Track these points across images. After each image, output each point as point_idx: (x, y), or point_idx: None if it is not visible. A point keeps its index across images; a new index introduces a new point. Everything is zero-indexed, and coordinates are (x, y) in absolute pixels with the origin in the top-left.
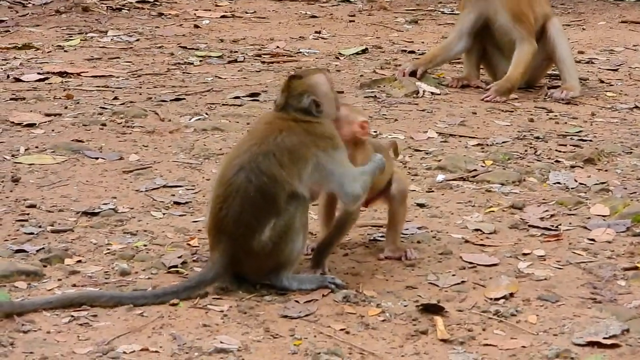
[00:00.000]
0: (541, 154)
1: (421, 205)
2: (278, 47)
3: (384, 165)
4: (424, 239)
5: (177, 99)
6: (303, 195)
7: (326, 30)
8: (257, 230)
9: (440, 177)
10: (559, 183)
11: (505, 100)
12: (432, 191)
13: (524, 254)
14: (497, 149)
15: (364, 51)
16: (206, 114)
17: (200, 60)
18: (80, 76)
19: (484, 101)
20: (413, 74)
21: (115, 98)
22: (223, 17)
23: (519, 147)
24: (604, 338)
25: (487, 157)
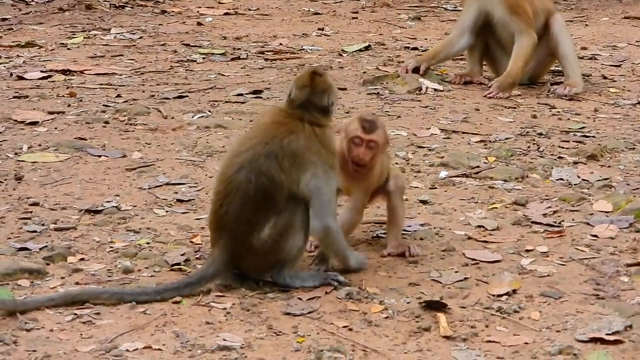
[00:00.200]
0: (544, 150)
1: (424, 202)
2: (281, 44)
3: (347, 255)
4: (426, 235)
5: (180, 97)
6: (303, 195)
7: (329, 27)
8: (256, 227)
9: (443, 173)
10: (561, 179)
11: (508, 96)
12: (435, 188)
13: (527, 251)
14: (500, 145)
15: (367, 48)
16: (209, 111)
17: (203, 58)
18: (83, 74)
19: (487, 98)
20: (416, 70)
21: (118, 96)
22: (226, 14)
23: (522, 144)
24: (607, 334)
25: (490, 153)
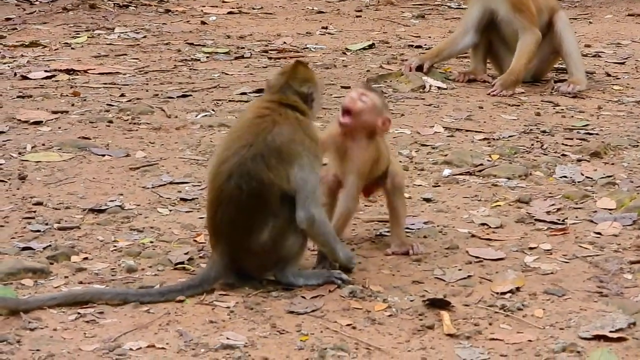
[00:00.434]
0: (547, 148)
1: (427, 200)
2: (285, 42)
3: (335, 245)
4: (430, 233)
5: (184, 96)
6: (294, 191)
7: (333, 25)
8: (254, 232)
9: (447, 171)
10: (565, 177)
11: (512, 93)
12: (439, 186)
13: (531, 248)
14: (504, 143)
15: (371, 46)
16: (213, 110)
17: (207, 57)
18: (87, 73)
19: (491, 95)
20: (419, 68)
21: (122, 95)
22: (230, 13)
23: (526, 141)
24: (611, 332)
25: (494, 151)
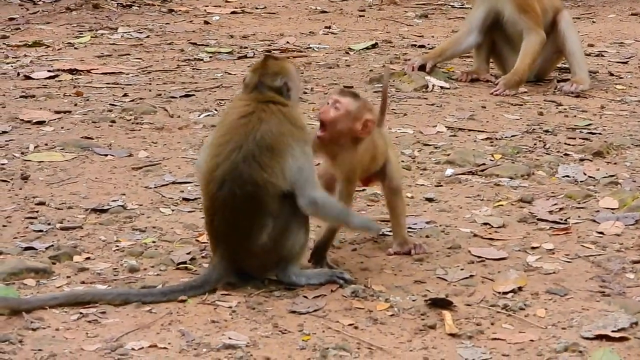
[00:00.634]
0: (550, 148)
1: (430, 200)
2: (288, 42)
3: (346, 216)
4: (432, 233)
5: (187, 95)
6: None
7: (336, 25)
8: (253, 234)
9: (449, 171)
10: (567, 176)
11: (515, 93)
12: (441, 185)
13: (533, 248)
14: (506, 142)
15: (374, 46)
16: (215, 110)
17: (210, 57)
18: (90, 73)
19: (494, 95)
20: (422, 68)
21: (125, 95)
22: (233, 13)
23: (528, 141)
24: (613, 331)
25: (496, 151)
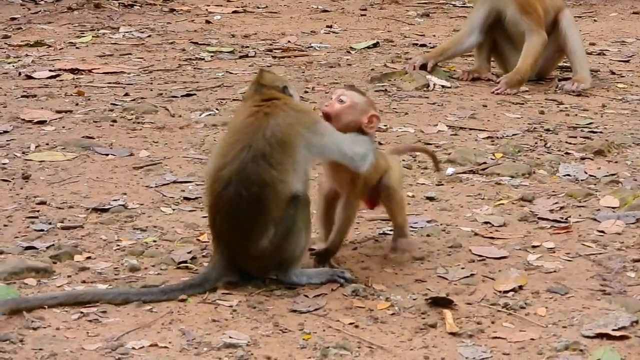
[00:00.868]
0: (551, 146)
1: (431, 199)
2: (289, 41)
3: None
4: (433, 232)
5: (188, 95)
6: (299, 193)
7: (337, 24)
8: (255, 237)
9: (450, 170)
10: (568, 175)
11: (516, 92)
12: (442, 184)
13: (534, 247)
14: (507, 141)
15: (375, 45)
16: (217, 109)
17: (212, 56)
18: (91, 73)
19: (495, 94)
20: (423, 67)
21: (126, 94)
22: (234, 12)
23: (529, 140)
24: (613, 330)
25: (497, 149)
